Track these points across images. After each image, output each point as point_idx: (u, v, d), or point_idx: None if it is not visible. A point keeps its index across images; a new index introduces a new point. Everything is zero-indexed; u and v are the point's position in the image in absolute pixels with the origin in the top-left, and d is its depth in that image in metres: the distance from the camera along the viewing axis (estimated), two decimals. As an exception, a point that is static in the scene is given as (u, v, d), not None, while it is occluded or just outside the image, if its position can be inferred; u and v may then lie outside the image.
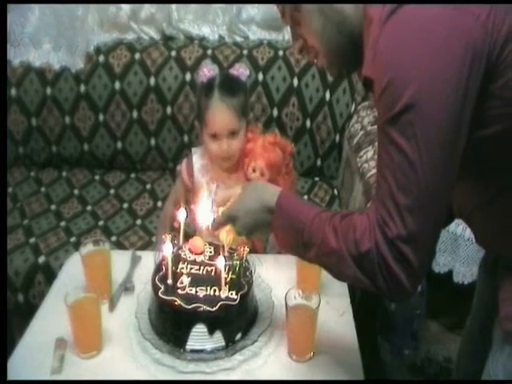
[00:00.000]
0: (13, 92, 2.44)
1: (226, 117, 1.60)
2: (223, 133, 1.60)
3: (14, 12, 2.37)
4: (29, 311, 1.46)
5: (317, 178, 2.49)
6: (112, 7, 2.48)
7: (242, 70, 1.66)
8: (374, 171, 1.92)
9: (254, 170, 1.64)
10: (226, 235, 1.28)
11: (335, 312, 1.40)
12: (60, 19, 2.39)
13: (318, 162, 2.46)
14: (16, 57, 2.43)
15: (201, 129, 1.68)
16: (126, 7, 2.48)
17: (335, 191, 2.41)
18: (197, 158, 1.75)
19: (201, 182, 1.71)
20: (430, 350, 2.30)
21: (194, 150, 1.79)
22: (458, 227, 2.17)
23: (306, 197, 2.36)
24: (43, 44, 2.44)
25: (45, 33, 2.42)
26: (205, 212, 1.33)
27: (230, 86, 1.62)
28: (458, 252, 2.19)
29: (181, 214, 1.39)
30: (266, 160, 1.62)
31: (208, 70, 1.66)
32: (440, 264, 2.24)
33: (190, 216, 1.40)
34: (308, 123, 2.40)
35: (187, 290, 1.26)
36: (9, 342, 1.41)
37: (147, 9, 2.48)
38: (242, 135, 1.64)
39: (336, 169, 2.45)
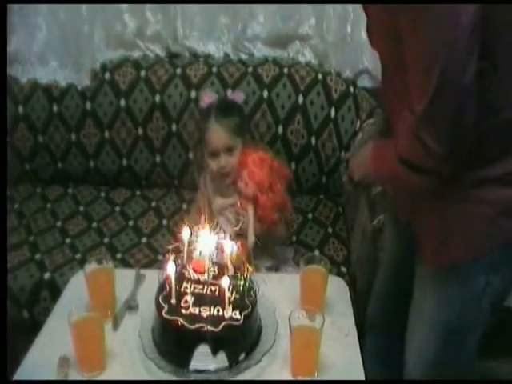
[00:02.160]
0: (20, 109, 2.45)
1: (222, 136, 1.78)
2: (220, 150, 1.79)
3: (21, 31, 2.40)
4: (33, 327, 1.46)
5: (322, 196, 2.49)
6: (118, 24, 2.50)
7: (238, 95, 1.92)
8: (379, 188, 1.92)
9: (241, 180, 1.77)
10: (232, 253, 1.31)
11: (340, 332, 1.40)
12: (66, 37, 2.40)
13: (323, 180, 2.46)
14: (23, 75, 2.45)
15: (204, 150, 1.86)
16: (131, 24, 2.50)
17: (340, 209, 2.41)
18: (207, 177, 1.93)
19: (210, 188, 1.90)
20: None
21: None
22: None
23: (310, 215, 2.36)
24: (50, 62, 2.45)
25: (51, 51, 2.44)
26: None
27: (225, 109, 1.84)
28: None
29: (185, 234, 1.39)
30: (250, 172, 1.76)
31: (208, 98, 1.88)
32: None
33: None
34: (313, 140, 2.40)
35: (191, 309, 1.26)
36: (13, 359, 1.42)
37: (153, 26, 2.49)
38: (238, 152, 1.80)
39: (341, 186, 2.45)
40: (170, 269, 1.29)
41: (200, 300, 1.28)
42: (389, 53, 1.26)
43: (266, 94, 2.38)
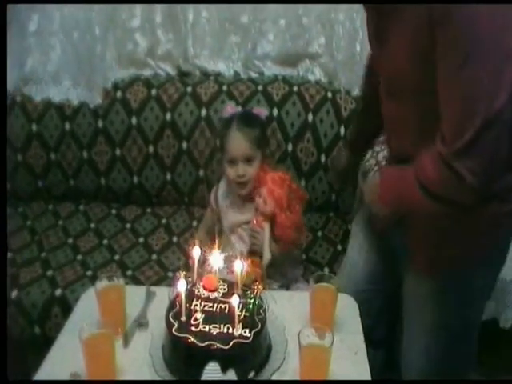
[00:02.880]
0: (34, 127, 2.48)
1: (242, 144, 1.80)
2: (239, 158, 1.80)
3: (36, 52, 2.44)
4: (45, 343, 1.47)
5: (331, 213, 2.50)
6: (129, 44, 2.53)
7: (262, 110, 1.93)
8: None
9: (259, 196, 1.77)
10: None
11: (349, 350, 1.40)
12: (79, 57, 2.44)
13: (333, 197, 2.47)
14: (37, 94, 2.48)
15: (222, 158, 1.88)
16: (143, 44, 2.53)
17: (350, 226, 2.41)
18: (222, 185, 1.98)
19: (222, 205, 1.92)
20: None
21: (222, 179, 1.99)
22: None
23: (320, 233, 2.37)
24: (63, 81, 2.49)
25: (65, 70, 2.48)
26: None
27: (248, 118, 1.86)
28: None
29: (195, 252, 1.40)
30: (269, 189, 1.76)
31: (231, 108, 1.90)
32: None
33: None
34: (323, 158, 2.42)
35: (201, 327, 1.27)
36: (24, 374, 1.43)
37: (164, 45, 2.53)
38: (257, 164, 1.80)
39: (351, 204, 2.46)
40: (181, 286, 1.30)
41: (210, 318, 1.29)
42: (409, 75, 1.23)
43: (275, 112, 2.40)
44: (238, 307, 1.27)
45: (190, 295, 1.34)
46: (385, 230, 1.54)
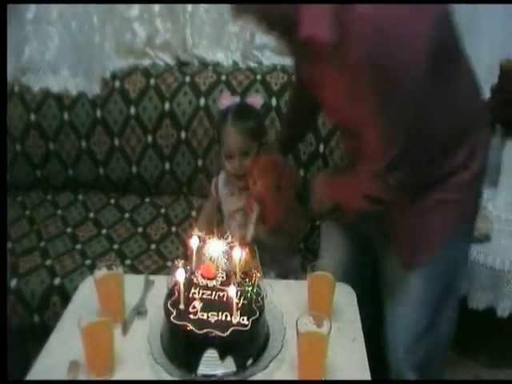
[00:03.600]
0: (32, 117, 2.49)
1: (238, 139, 1.78)
2: (236, 153, 1.79)
3: (34, 41, 2.44)
4: (44, 332, 1.47)
5: (330, 203, 2.50)
6: (128, 34, 2.53)
7: (256, 99, 1.90)
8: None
9: (254, 183, 1.78)
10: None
11: (347, 338, 1.40)
12: (78, 46, 2.44)
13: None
14: (36, 83, 2.48)
15: (220, 150, 1.88)
16: (141, 34, 2.53)
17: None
18: (222, 175, 1.98)
19: (222, 193, 1.94)
20: (444, 376, 2.28)
21: (222, 170, 1.98)
22: (473, 252, 2.16)
23: (318, 222, 2.36)
24: (61, 71, 2.49)
25: (63, 60, 2.48)
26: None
27: (242, 112, 1.83)
28: (473, 278, 2.17)
29: (194, 241, 1.41)
30: (259, 171, 1.78)
31: (226, 100, 1.88)
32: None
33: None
34: (321, 148, 2.41)
35: (199, 315, 1.27)
36: (23, 362, 1.43)
37: (162, 35, 2.52)
38: (254, 156, 1.80)
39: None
40: (180, 275, 1.30)
41: (208, 306, 1.29)
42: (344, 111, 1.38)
43: (274, 101, 2.40)
44: (236, 295, 1.27)
45: (189, 283, 1.35)
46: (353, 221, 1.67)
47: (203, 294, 1.33)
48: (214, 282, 1.37)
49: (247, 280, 1.34)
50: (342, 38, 1.14)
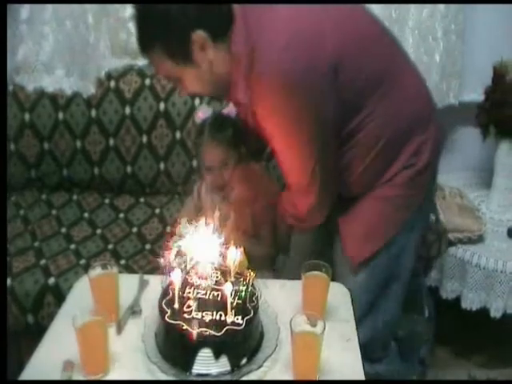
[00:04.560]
0: (26, 116, 2.49)
1: (216, 152, 1.79)
2: (215, 165, 1.80)
3: (28, 40, 2.44)
4: (38, 332, 1.47)
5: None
6: (123, 33, 2.54)
7: (231, 109, 1.86)
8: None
9: (231, 190, 1.84)
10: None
11: (341, 337, 1.41)
12: (72, 46, 2.44)
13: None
14: (30, 83, 2.48)
15: (201, 164, 1.90)
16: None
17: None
18: (203, 186, 1.96)
19: (205, 201, 1.92)
20: (438, 376, 2.29)
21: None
22: (466, 253, 2.18)
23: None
24: (56, 70, 2.49)
25: (58, 59, 2.47)
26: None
27: (218, 124, 1.82)
28: (466, 278, 2.19)
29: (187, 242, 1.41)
30: (236, 180, 1.82)
31: (202, 113, 1.87)
32: (448, 290, 2.24)
33: None
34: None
35: (193, 314, 1.27)
36: (18, 362, 1.43)
37: (158, 35, 2.52)
38: (232, 165, 1.81)
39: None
40: (175, 275, 1.31)
41: (203, 305, 1.30)
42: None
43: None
44: (231, 294, 1.28)
45: (183, 283, 1.35)
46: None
47: (198, 293, 1.34)
48: (209, 281, 1.37)
49: (241, 279, 1.34)
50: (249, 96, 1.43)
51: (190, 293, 1.33)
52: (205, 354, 1.24)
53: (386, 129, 1.53)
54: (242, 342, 1.28)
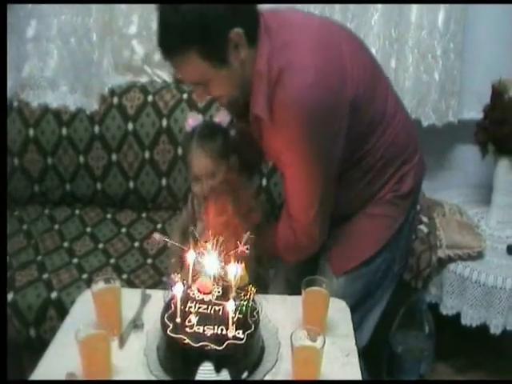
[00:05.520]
0: (31, 132, 2.51)
1: (204, 160, 1.71)
2: (203, 175, 1.72)
3: (34, 58, 2.47)
4: (40, 346, 1.48)
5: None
6: (126, 51, 2.57)
7: (223, 117, 1.78)
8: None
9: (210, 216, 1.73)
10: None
11: (341, 352, 1.42)
12: (76, 63, 2.47)
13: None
14: (35, 99, 2.51)
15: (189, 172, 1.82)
16: (140, 51, 2.57)
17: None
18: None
19: (197, 210, 1.85)
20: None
21: None
22: (466, 270, 2.19)
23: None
24: (60, 87, 2.52)
25: (62, 76, 2.50)
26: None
27: (208, 132, 1.75)
28: (466, 294, 2.19)
29: (190, 255, 1.42)
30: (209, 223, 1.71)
31: (192, 121, 1.79)
32: (448, 306, 2.25)
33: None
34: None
35: (195, 328, 1.28)
36: (19, 376, 1.44)
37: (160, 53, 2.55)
38: (221, 176, 1.73)
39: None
40: (178, 289, 1.32)
41: (204, 319, 1.31)
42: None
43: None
44: (232, 309, 1.29)
45: (185, 297, 1.36)
46: None
47: (199, 307, 1.35)
48: (210, 296, 1.39)
49: (243, 295, 1.36)
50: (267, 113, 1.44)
51: (191, 307, 1.35)
52: (206, 367, 1.25)
53: (381, 160, 1.61)
54: (243, 356, 1.30)
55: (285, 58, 1.41)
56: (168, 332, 1.28)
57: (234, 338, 1.27)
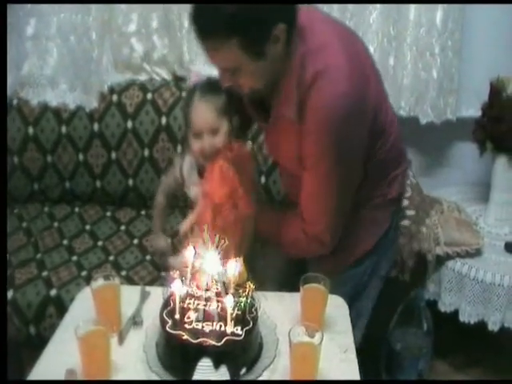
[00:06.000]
0: (30, 130, 2.52)
1: (206, 114, 1.63)
2: (204, 130, 1.64)
3: (33, 56, 2.48)
4: (40, 343, 1.49)
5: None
6: (126, 49, 2.57)
7: (196, 77, 1.76)
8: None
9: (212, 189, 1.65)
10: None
11: (339, 349, 1.42)
12: (76, 61, 2.47)
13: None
14: (34, 97, 2.51)
15: (188, 133, 1.73)
16: (139, 49, 2.57)
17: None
18: (187, 160, 1.82)
19: (188, 180, 1.82)
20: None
21: (187, 154, 1.83)
22: (464, 267, 2.20)
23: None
24: (60, 85, 2.52)
25: (62, 74, 2.51)
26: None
27: (210, 86, 1.67)
28: (464, 291, 2.20)
29: (189, 252, 1.43)
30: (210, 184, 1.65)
31: (196, 76, 1.78)
32: (446, 303, 2.25)
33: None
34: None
35: (194, 324, 1.29)
36: (19, 373, 1.44)
37: (159, 51, 2.56)
38: (223, 136, 1.66)
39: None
40: (177, 286, 1.33)
41: (203, 315, 1.32)
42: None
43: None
44: (231, 306, 1.30)
45: (184, 294, 1.37)
46: None
47: (198, 304, 1.35)
48: (209, 292, 1.39)
49: (241, 291, 1.36)
50: (300, 118, 1.46)
51: (190, 304, 1.35)
52: (205, 363, 1.26)
53: (380, 164, 1.64)
54: (242, 353, 1.30)
55: (321, 61, 1.42)
56: (167, 328, 1.29)
57: (233, 334, 1.28)
